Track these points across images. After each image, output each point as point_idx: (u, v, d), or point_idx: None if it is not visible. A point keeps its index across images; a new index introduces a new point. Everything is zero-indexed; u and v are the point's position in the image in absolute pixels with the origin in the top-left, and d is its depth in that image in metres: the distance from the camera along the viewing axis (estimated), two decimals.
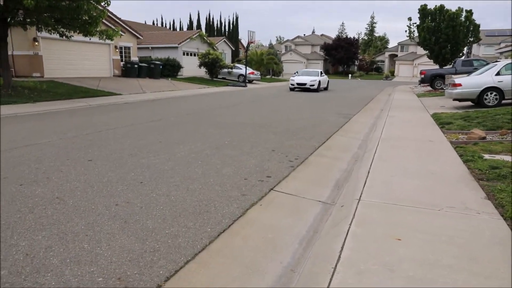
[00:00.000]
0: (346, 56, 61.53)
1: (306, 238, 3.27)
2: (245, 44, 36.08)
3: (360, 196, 3.94)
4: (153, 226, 3.29)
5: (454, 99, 12.27)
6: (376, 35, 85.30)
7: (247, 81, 29.03)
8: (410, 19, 28.30)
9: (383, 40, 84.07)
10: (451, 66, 24.54)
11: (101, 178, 4.66)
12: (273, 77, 44.13)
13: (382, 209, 3.58)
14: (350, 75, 57.21)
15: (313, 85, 22.91)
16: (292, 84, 23.96)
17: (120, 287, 2.42)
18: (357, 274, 2.46)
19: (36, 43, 19.34)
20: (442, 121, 9.02)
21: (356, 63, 66.26)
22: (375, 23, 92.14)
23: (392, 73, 60.34)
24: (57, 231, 3.19)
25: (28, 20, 13.46)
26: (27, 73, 19.11)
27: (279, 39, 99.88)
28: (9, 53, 14.21)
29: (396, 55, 64.52)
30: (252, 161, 5.60)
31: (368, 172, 4.81)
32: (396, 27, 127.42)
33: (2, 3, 12.44)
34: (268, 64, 42.58)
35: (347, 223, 3.27)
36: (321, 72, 25.33)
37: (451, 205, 3.58)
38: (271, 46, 67.45)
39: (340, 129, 8.87)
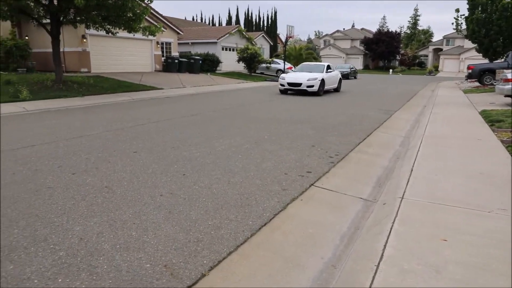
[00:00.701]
0: (387, 51, 59.60)
1: (347, 234, 3.25)
2: (283, 39, 35.90)
3: (403, 194, 3.84)
4: (196, 217, 3.39)
5: (506, 96, 11.56)
6: (420, 28, 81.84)
7: None
8: (457, 10, 26.86)
9: (427, 34, 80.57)
10: (502, 60, 23.09)
11: (146, 169, 4.85)
12: None
13: (426, 208, 3.48)
14: (391, 70, 55.41)
15: (311, 86, 16.10)
16: (281, 85, 17.00)
17: (167, 274, 2.54)
18: (400, 274, 2.42)
19: (85, 40, 20.31)
20: (491, 119, 8.55)
21: (398, 57, 64.00)
22: (419, 15, 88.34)
23: (436, 68, 57.79)
24: (107, 218, 3.37)
25: (78, 18, 14.16)
26: (76, 69, 20.13)
27: (317, 33, 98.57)
28: (61, 49, 15.01)
29: (441, 49, 61.68)
30: (292, 156, 5.61)
31: (411, 170, 4.68)
32: (442, 20, 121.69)
33: (56, 3, 13.16)
34: (307, 59, 42.02)
35: (389, 221, 3.21)
36: (328, 66, 18.20)
37: (502, 207, 3.41)
38: (309, 41, 66.76)
39: (381, 126, 8.66)
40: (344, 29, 74.67)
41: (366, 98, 16.16)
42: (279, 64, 31.20)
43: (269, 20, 56.25)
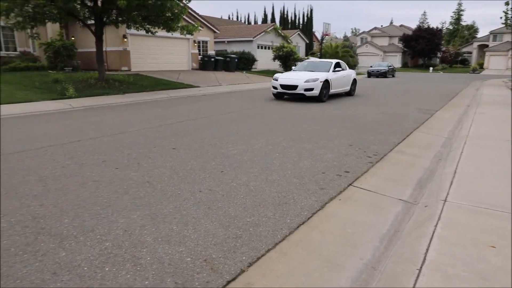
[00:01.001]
0: (428, 48, 57.32)
1: (387, 236, 3.18)
2: (319, 37, 35.51)
3: (446, 197, 3.71)
4: (235, 214, 3.44)
5: None
6: (463, 23, 77.99)
7: None
8: (507, 3, 25.41)
9: (471, 29, 76.68)
10: None
11: (185, 165, 4.98)
12: None
13: (471, 212, 3.34)
14: (431, 68, 53.31)
15: (310, 89, 12.63)
16: (274, 87, 13.44)
17: (207, 268, 2.60)
18: (444, 279, 2.35)
19: (125, 40, 21.04)
20: None
21: (439, 55, 61.40)
22: (463, 10, 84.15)
23: (481, 66, 54.97)
24: (149, 212, 3.49)
25: (120, 18, 14.70)
26: (117, 67, 20.92)
27: (354, 31, 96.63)
28: (103, 49, 15.63)
29: (487, 46, 58.58)
30: (329, 155, 5.55)
31: (455, 172, 4.50)
32: (488, 14, 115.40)
33: (100, 4, 13.75)
34: (343, 57, 41.33)
35: (432, 225, 3.11)
36: (336, 64, 14.50)
37: None
38: (346, 38, 65.58)
39: (421, 126, 8.37)
40: (382, 26, 72.75)
41: (400, 100, 15.65)
42: None
43: (305, 18, 55.78)
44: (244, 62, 28.46)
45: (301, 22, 55.78)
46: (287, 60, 28.98)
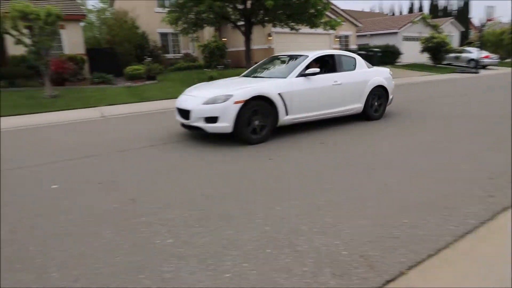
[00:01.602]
0: None
1: None
2: (476, 24, 31.06)
3: None
4: (389, 213, 3.33)
5: None
6: None
7: (479, 66, 24.98)
8: None
9: None
10: None
11: (334, 160, 5.07)
12: None
13: None
14: None
15: (212, 119, 5.89)
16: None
17: (364, 265, 2.59)
18: None
19: (270, 38, 22.21)
20: None
21: None
22: None
23: None
24: (303, 202, 3.64)
25: (266, 18, 15.60)
26: None
27: None
28: (250, 47, 16.84)
29: None
30: (497, 159, 4.85)
31: None
32: None
33: (249, 7, 14.86)
34: (509, 44, 35.31)
35: None
36: (317, 59, 7.20)
37: None
38: None
39: None
40: None
41: None
42: (472, 53, 27.14)
43: (460, 3, 49.55)
44: (388, 56, 26.90)
45: (454, 9, 49.76)
46: (438, 52, 26.21)
